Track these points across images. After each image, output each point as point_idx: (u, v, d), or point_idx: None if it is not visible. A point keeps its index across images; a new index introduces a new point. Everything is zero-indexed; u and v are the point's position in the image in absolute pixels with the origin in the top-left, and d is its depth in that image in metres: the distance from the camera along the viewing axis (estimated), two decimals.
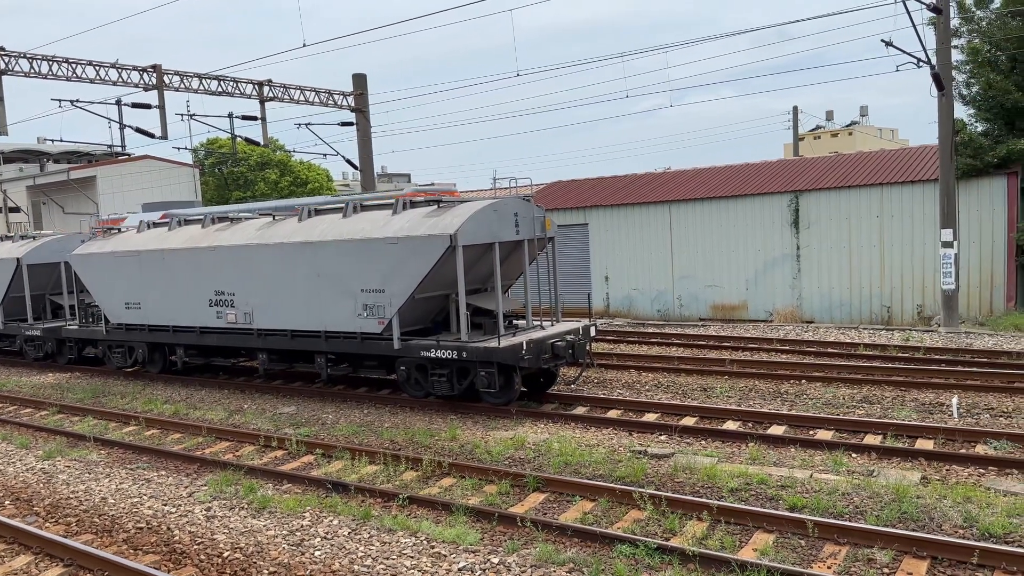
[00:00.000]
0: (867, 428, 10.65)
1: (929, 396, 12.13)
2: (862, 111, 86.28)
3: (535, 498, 8.76)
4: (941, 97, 18.16)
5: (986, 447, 9.66)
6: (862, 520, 7.53)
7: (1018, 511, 7.44)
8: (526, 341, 12.23)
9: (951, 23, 19.38)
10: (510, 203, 13.15)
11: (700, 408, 12.12)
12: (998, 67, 21.62)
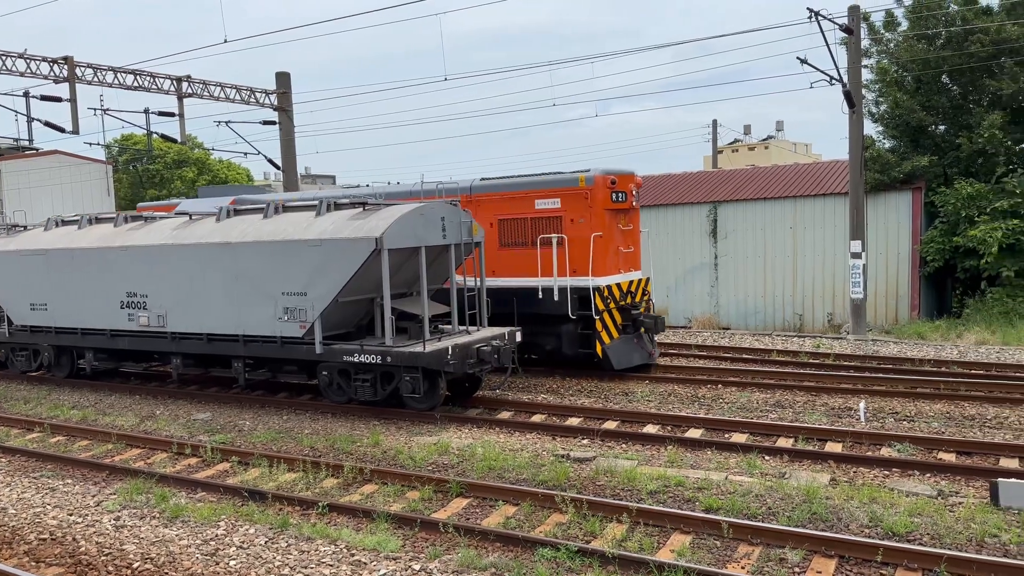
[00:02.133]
0: (780, 431, 11.02)
1: (838, 401, 12.63)
2: (778, 126, 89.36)
3: (458, 503, 8.73)
4: (852, 114, 19.00)
5: (890, 450, 10.11)
6: (774, 521, 7.78)
7: (919, 511, 7.81)
8: (451, 346, 12.20)
9: (862, 44, 20.31)
10: (437, 207, 13.10)
11: (621, 412, 12.32)
12: (905, 87, 22.76)
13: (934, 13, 21.97)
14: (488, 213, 15.49)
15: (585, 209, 14.64)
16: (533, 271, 14.90)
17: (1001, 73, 20.77)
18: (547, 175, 15.32)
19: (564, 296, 14.54)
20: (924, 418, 11.51)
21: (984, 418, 11.31)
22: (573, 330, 14.73)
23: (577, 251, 14.48)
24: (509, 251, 15.34)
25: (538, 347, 15.44)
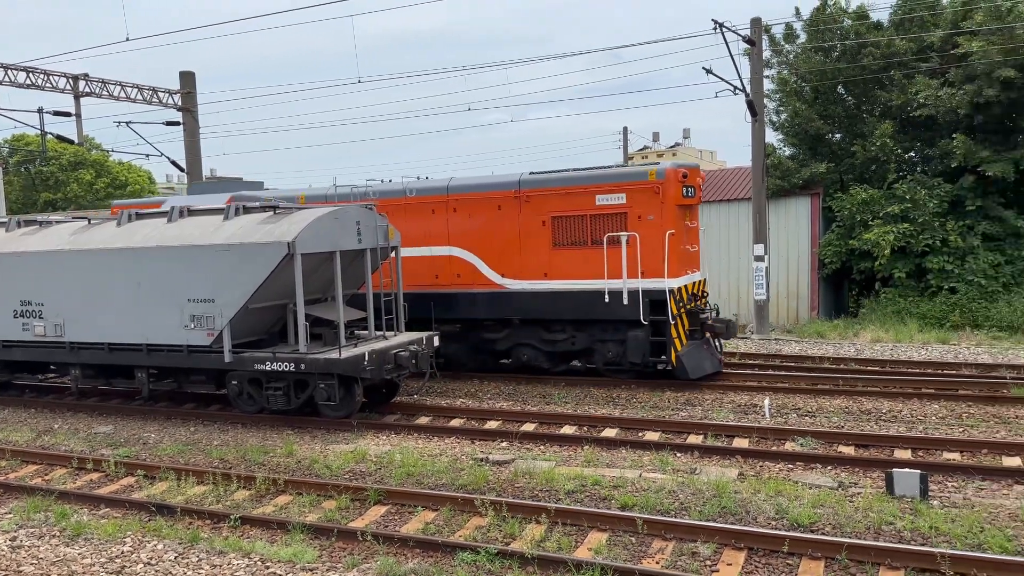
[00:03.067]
0: (690, 429, 11.36)
1: (744, 398, 13.10)
2: (685, 133, 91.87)
3: (376, 511, 8.64)
4: (754, 123, 19.76)
5: (794, 444, 10.56)
6: (687, 515, 8.01)
7: (822, 502, 8.18)
8: (368, 352, 12.06)
9: (764, 55, 21.16)
10: (352, 211, 12.94)
11: (539, 414, 12.44)
12: (803, 97, 23.81)
13: (830, 27, 23.09)
14: (539, 210, 14.36)
15: (656, 205, 13.57)
16: (595, 273, 13.81)
17: (891, 85, 21.99)
18: (610, 168, 14.38)
19: (635, 299, 13.51)
20: (825, 413, 12.06)
21: (880, 412, 11.94)
22: (643, 336, 13.62)
23: (648, 250, 13.46)
24: (564, 252, 14.19)
25: (593, 355, 14.47)
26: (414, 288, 15.03)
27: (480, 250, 14.84)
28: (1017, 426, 10.89)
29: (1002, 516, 7.65)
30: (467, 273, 14.96)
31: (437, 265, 15.19)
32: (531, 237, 14.42)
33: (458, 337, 15.36)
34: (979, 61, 19.49)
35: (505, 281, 14.62)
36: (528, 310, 14.49)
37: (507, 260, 14.62)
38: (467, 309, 14.95)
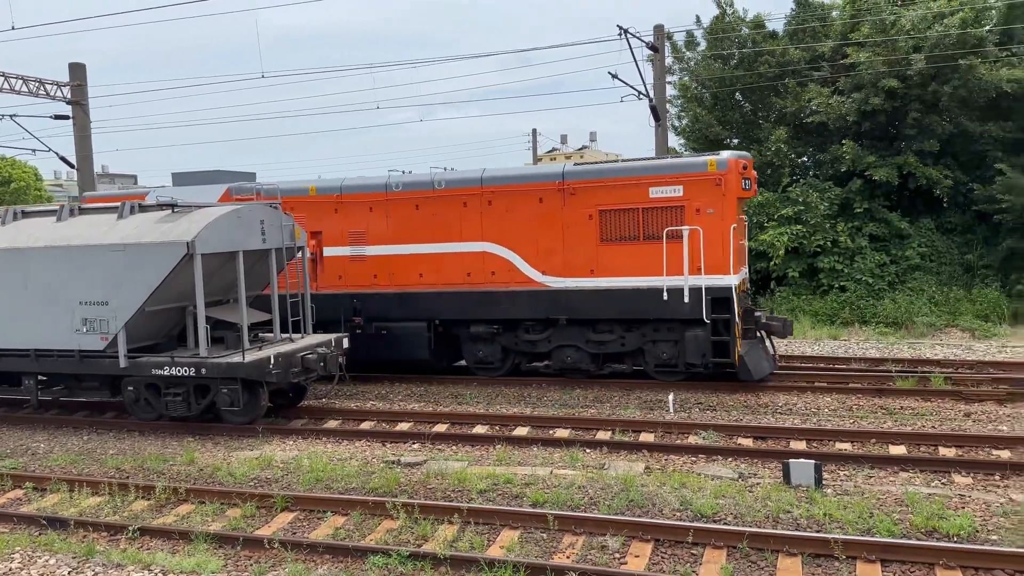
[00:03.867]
0: (599, 425, 11.58)
1: (650, 394, 13.44)
2: (592, 136, 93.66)
3: (284, 518, 8.45)
4: (658, 127, 20.32)
5: (697, 437, 10.91)
6: (596, 510, 8.17)
7: (723, 493, 8.49)
8: (274, 355, 11.76)
9: (666, 61, 21.78)
10: (256, 210, 12.59)
11: (451, 415, 12.43)
12: (703, 103, 24.59)
13: (728, 35, 23.93)
14: (585, 203, 13.55)
15: (717, 197, 12.86)
16: (650, 269, 13.11)
17: (785, 92, 22.98)
18: (665, 159, 13.68)
19: (697, 297, 12.86)
20: (725, 407, 12.50)
21: (776, 405, 12.47)
22: (704, 336, 12.97)
23: (709, 245, 12.80)
24: (614, 247, 13.40)
25: (644, 356, 13.76)
26: (442, 287, 14.41)
27: (518, 246, 13.99)
28: (902, 417, 11.58)
29: (889, 502, 8.12)
30: (503, 271, 14.11)
31: (469, 262, 14.28)
32: (576, 232, 13.62)
33: (489, 339, 14.52)
34: (866, 71, 20.62)
35: (546, 279, 13.83)
36: (573, 309, 13.68)
37: (549, 256, 13.81)
38: (503, 309, 14.06)
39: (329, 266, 15.19)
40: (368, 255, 14.91)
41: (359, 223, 14.96)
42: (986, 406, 11.79)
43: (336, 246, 15.13)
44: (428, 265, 14.48)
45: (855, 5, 22.14)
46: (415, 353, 14.65)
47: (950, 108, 20.50)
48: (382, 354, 14.84)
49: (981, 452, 9.81)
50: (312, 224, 15.12)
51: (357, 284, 14.94)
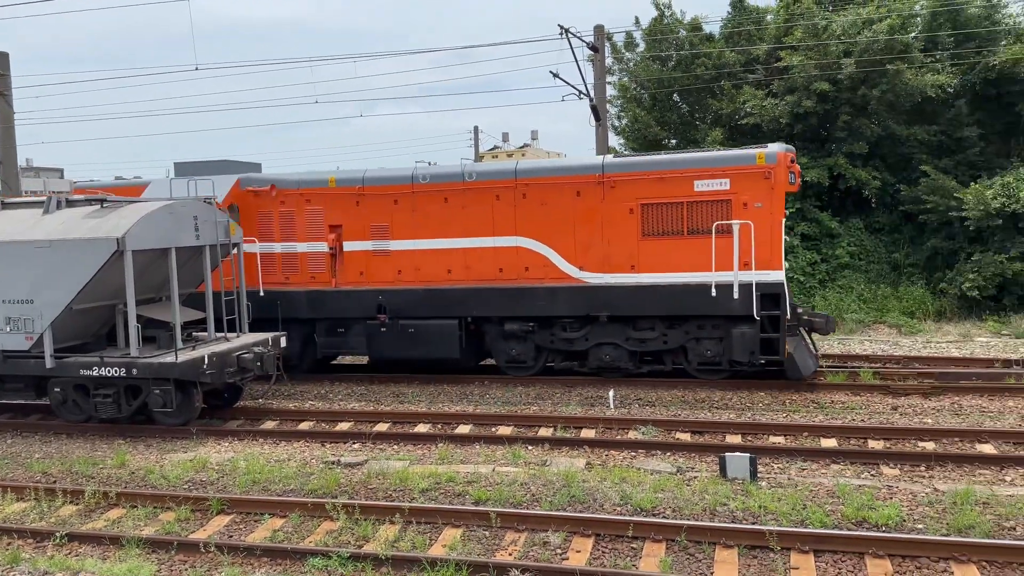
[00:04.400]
0: (541, 422, 11.64)
1: (591, 391, 13.57)
2: (533, 135, 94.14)
3: (220, 521, 8.26)
4: (598, 127, 20.51)
5: (637, 433, 11.06)
6: (538, 507, 8.21)
7: (662, 487, 8.63)
8: (208, 354, 11.48)
9: (606, 61, 21.99)
10: (189, 206, 12.26)
11: (393, 414, 12.33)
12: (642, 103, 24.93)
13: (667, 37, 24.30)
14: (626, 197, 13.18)
15: (766, 191, 12.61)
16: (696, 264, 12.83)
17: (721, 94, 23.45)
18: (710, 151, 13.56)
19: (747, 293, 12.56)
20: (663, 403, 12.70)
21: (712, 400, 12.72)
22: (752, 333, 12.69)
23: (759, 240, 12.55)
24: (656, 241, 13.09)
25: (686, 354, 13.48)
26: (471, 283, 13.93)
27: (554, 240, 13.58)
28: (832, 410, 11.94)
29: (821, 493, 8.36)
30: (537, 266, 13.70)
31: (502, 257, 13.82)
32: (616, 226, 13.24)
33: (523, 337, 14.04)
34: (798, 74, 21.18)
35: (584, 274, 13.46)
36: (614, 306, 13.27)
37: (586, 251, 13.43)
38: (541, 306, 13.60)
39: (349, 261, 14.54)
40: (392, 250, 14.33)
41: (383, 216, 14.32)
42: (912, 400, 12.25)
43: (357, 240, 14.49)
44: (457, 260, 13.99)
45: (788, 10, 22.72)
46: (445, 352, 14.08)
47: (878, 111, 21.21)
48: (408, 353, 14.23)
49: (908, 444, 10.18)
50: (331, 217, 14.56)
51: (380, 280, 14.36)
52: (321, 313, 14.57)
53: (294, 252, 14.75)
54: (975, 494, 8.01)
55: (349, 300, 14.38)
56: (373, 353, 14.60)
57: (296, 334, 14.72)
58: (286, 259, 14.81)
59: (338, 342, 14.69)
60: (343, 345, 14.71)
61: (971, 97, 21.44)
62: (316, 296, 14.53)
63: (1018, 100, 20.57)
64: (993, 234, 18.92)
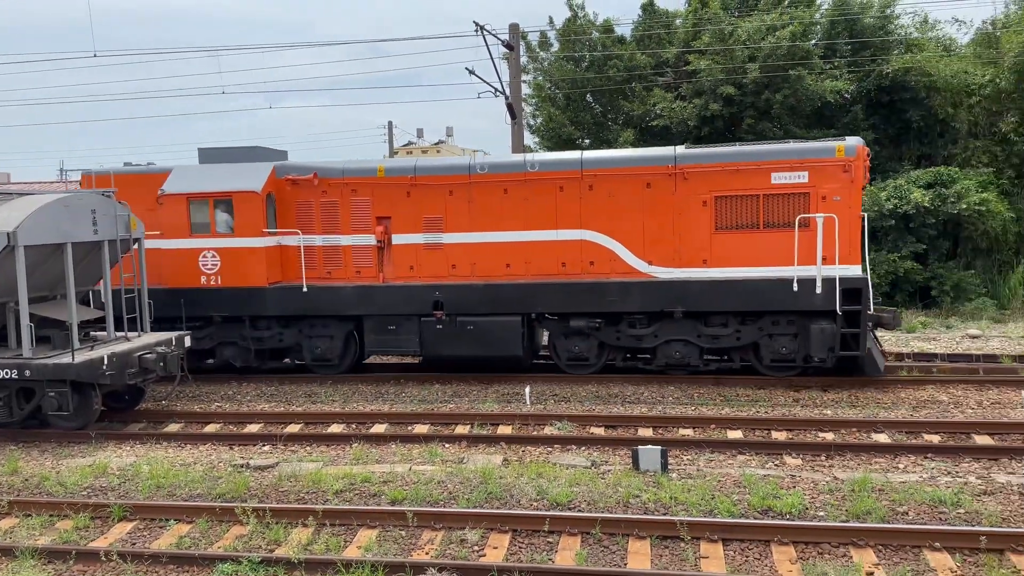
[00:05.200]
0: (458, 420, 11.62)
1: (507, 388, 13.62)
2: (448, 131, 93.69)
3: (122, 528, 7.90)
4: (514, 125, 20.60)
5: (552, 428, 11.17)
6: (455, 504, 8.19)
7: (577, 481, 8.74)
8: (107, 355, 10.96)
9: (521, 60, 22.11)
10: (87, 199, 11.67)
11: (305, 414, 12.07)
12: (557, 103, 25.18)
13: (580, 38, 24.64)
14: (699, 189, 12.86)
15: (846, 184, 12.38)
16: (771, 258, 12.58)
17: (633, 96, 23.95)
18: (788, 143, 13.18)
19: (830, 288, 12.28)
20: (579, 398, 12.87)
21: (625, 395, 12.96)
22: (831, 329, 12.39)
23: (842, 234, 12.35)
24: (731, 235, 12.81)
25: (759, 350, 13.11)
26: (532, 278, 13.48)
27: (621, 234, 13.17)
28: (738, 403, 12.34)
29: (728, 483, 8.64)
30: (603, 260, 13.27)
31: (565, 251, 13.38)
32: (688, 219, 12.93)
33: (587, 334, 13.56)
34: (706, 78, 21.83)
35: (652, 269, 13.10)
36: (687, 302, 12.89)
37: (655, 245, 13.08)
38: (610, 302, 13.10)
39: (399, 255, 13.94)
40: (446, 243, 13.75)
41: (436, 208, 13.72)
42: (812, 392, 12.78)
43: (408, 233, 13.86)
44: (517, 254, 13.49)
45: (696, 15, 23.38)
46: (506, 349, 13.52)
47: (781, 115, 22.06)
48: (466, 351, 13.66)
49: (809, 435, 10.63)
50: (379, 208, 13.93)
51: (432, 275, 13.80)
52: (370, 310, 13.79)
53: (337, 245, 14.08)
54: (871, 481, 8.44)
55: (402, 296, 13.71)
56: (427, 352, 13.91)
57: (337, 332, 14.17)
58: (328, 252, 14.13)
59: (388, 340, 13.90)
60: (394, 344, 13.94)
61: (866, 103, 22.56)
62: (365, 292, 13.80)
63: (909, 106, 21.78)
64: (887, 234, 19.96)
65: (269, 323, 14.25)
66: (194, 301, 13.95)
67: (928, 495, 8.00)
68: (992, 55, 22.31)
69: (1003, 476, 8.73)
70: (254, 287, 13.74)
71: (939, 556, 6.77)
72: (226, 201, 13.85)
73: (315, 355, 14.26)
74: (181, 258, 13.98)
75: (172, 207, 13.99)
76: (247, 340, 14.32)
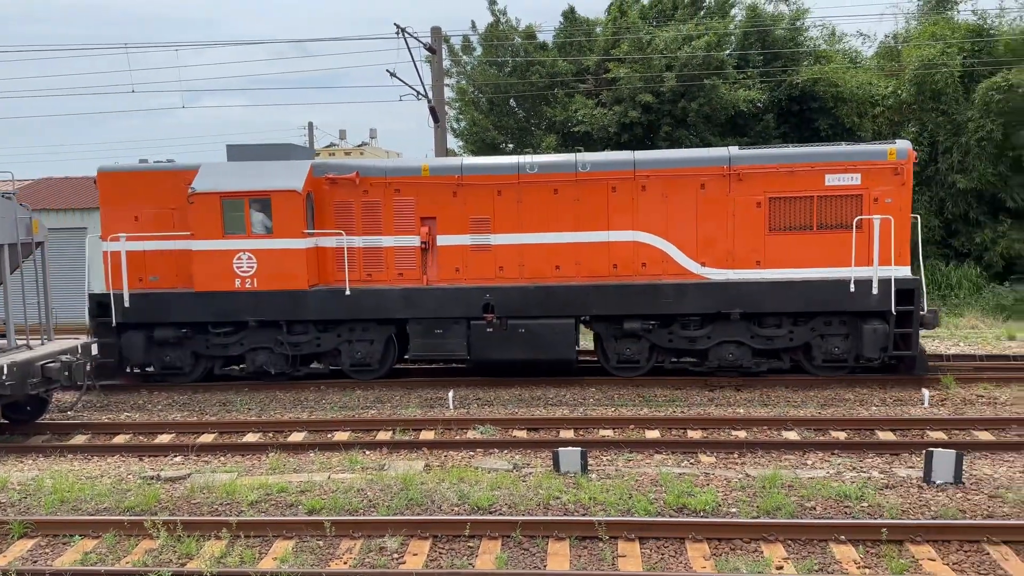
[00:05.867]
0: (379, 426, 11.50)
1: (430, 392, 13.56)
2: (372, 133, 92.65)
3: (22, 545, 7.53)
4: (437, 128, 20.54)
5: (475, 432, 11.17)
6: (375, 512, 8.10)
7: (499, 484, 8.76)
8: (7, 364, 10.43)
9: (444, 64, 22.07)
10: None
11: (219, 424, 11.74)
12: (480, 107, 25.23)
13: (503, 43, 24.77)
14: (754, 190, 13.03)
15: (897, 187, 12.74)
16: (826, 259, 12.83)
17: (555, 102, 24.21)
18: (841, 146, 13.29)
19: (885, 289, 12.52)
20: (501, 401, 12.91)
21: (547, 398, 13.07)
22: (884, 329, 12.68)
23: (893, 236, 12.68)
24: (783, 236, 13.01)
25: (811, 351, 13.29)
26: (584, 280, 13.39)
27: (674, 235, 13.25)
28: (656, 404, 12.61)
29: (645, 483, 8.81)
30: (655, 261, 13.32)
31: (616, 252, 13.37)
32: (742, 220, 13.06)
33: (635, 335, 13.49)
34: (625, 86, 22.25)
35: (705, 270, 13.20)
36: (742, 303, 12.96)
37: (709, 246, 13.20)
38: (666, 303, 13.08)
39: (444, 257, 13.68)
40: (493, 244, 13.59)
41: (483, 208, 13.54)
42: (726, 392, 13.15)
43: (453, 234, 13.62)
44: (567, 255, 13.43)
45: (616, 23, 23.80)
46: (560, 353, 13.35)
47: (696, 123, 22.65)
48: (518, 355, 13.43)
49: (722, 433, 10.94)
50: (424, 209, 13.66)
51: (479, 277, 13.60)
52: (417, 313, 13.48)
53: (379, 246, 13.80)
54: (781, 478, 8.73)
55: (450, 298, 13.44)
56: (475, 355, 13.59)
57: (378, 336, 13.85)
58: (368, 254, 13.83)
59: (435, 344, 13.55)
60: (440, 347, 13.59)
61: (778, 112, 23.39)
62: (412, 294, 13.49)
63: (818, 116, 22.70)
64: None
65: (306, 327, 13.84)
66: (227, 305, 13.54)
67: (834, 490, 8.33)
68: (894, 68, 23.48)
69: (904, 470, 9.16)
70: (295, 290, 13.38)
71: (844, 548, 7.05)
72: (263, 200, 13.37)
73: (356, 360, 13.92)
74: (213, 260, 13.45)
75: (204, 206, 13.36)
76: (283, 345, 13.87)
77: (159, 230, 13.77)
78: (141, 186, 13.77)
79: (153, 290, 13.81)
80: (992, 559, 6.82)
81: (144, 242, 13.82)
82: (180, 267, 13.75)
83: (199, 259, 13.46)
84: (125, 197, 13.87)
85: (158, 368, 14.20)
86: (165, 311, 13.64)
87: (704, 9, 24.89)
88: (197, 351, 14.09)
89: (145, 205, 13.87)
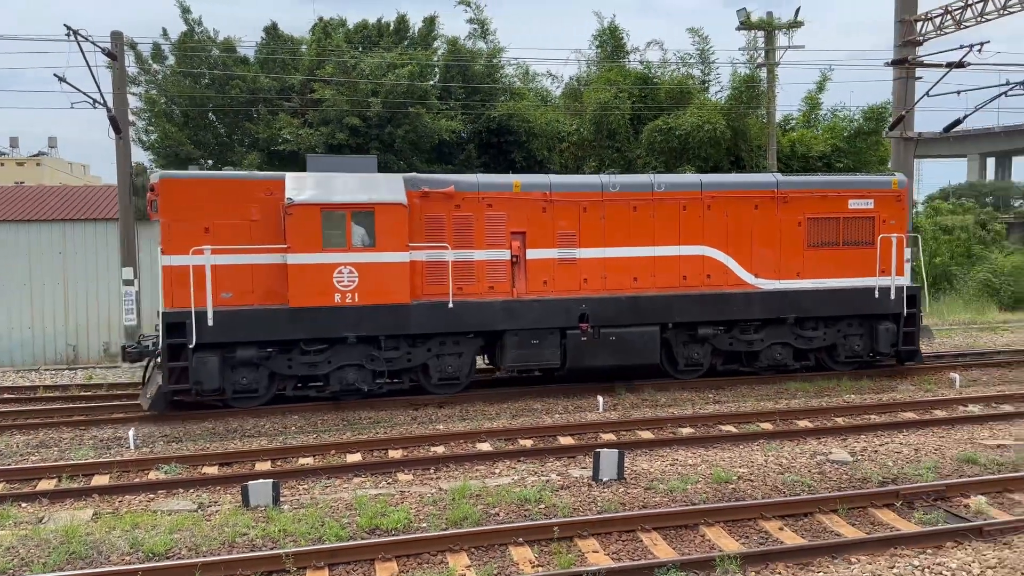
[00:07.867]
0: (41, 474, 10.19)
1: (109, 432, 12.29)
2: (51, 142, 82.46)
3: None
4: (119, 140, 18.81)
5: (158, 472, 10.31)
6: (27, 572, 7.13)
7: (179, 527, 8.15)
8: None
9: (129, 71, 20.30)
10: None
11: None
12: (174, 119, 23.55)
13: (199, 54, 23.39)
14: (796, 211, 15.04)
15: (899, 211, 15.45)
16: (852, 271, 15.14)
17: (258, 119, 23.35)
18: (859, 175, 16.20)
19: (900, 294, 15.08)
20: (192, 437, 12.08)
21: (245, 429, 12.48)
22: (894, 328, 15.27)
23: (895, 251, 15.20)
24: (818, 251, 15.12)
25: (836, 349, 15.48)
26: (659, 290, 14.49)
27: (733, 249, 14.80)
28: (360, 427, 12.60)
29: (340, 508, 8.73)
30: (718, 273, 14.76)
31: (686, 265, 14.67)
32: (786, 237, 14.93)
33: (700, 340, 14.81)
34: (331, 108, 22.11)
35: (758, 281, 14.84)
36: (793, 308, 14.86)
37: (761, 260, 14.88)
38: (734, 310, 14.63)
39: (533, 270, 14.12)
40: (579, 258, 14.27)
41: (571, 224, 14.24)
42: (428, 410, 13.54)
43: (542, 248, 14.12)
44: (644, 268, 14.48)
45: (321, 44, 23.62)
46: (647, 358, 14.39)
47: (403, 149, 23.16)
48: (609, 360, 14.23)
49: (421, 450, 11.22)
50: (514, 223, 14.03)
51: (565, 289, 14.19)
52: (515, 324, 13.80)
53: (470, 260, 13.83)
54: (470, 488, 9.14)
55: (547, 310, 13.93)
56: (570, 364, 14.14)
57: (468, 349, 13.98)
58: (459, 267, 13.71)
59: (531, 354, 13.96)
60: (536, 357, 14.00)
61: (479, 143, 24.68)
62: (511, 307, 13.83)
63: (513, 148, 24.32)
64: None
65: (397, 342, 13.37)
66: (325, 320, 13.00)
67: (516, 495, 8.90)
68: (577, 108, 25.92)
69: (578, 471, 10.05)
70: (398, 304, 13.08)
71: (521, 550, 7.54)
72: (366, 213, 12.94)
73: (445, 374, 13.87)
74: (311, 274, 12.81)
75: (302, 218, 12.66)
76: (377, 361, 13.22)
77: (233, 243, 12.66)
78: (212, 195, 12.74)
79: (236, 306, 12.76)
80: (644, 545, 7.70)
81: (229, 256, 12.69)
82: (258, 282, 12.87)
83: (296, 273, 12.72)
84: (193, 207, 12.63)
85: (230, 392, 13.07)
86: (253, 329, 12.74)
87: (408, 39, 25.59)
88: (276, 371, 13.14)
89: (217, 216, 12.69)
